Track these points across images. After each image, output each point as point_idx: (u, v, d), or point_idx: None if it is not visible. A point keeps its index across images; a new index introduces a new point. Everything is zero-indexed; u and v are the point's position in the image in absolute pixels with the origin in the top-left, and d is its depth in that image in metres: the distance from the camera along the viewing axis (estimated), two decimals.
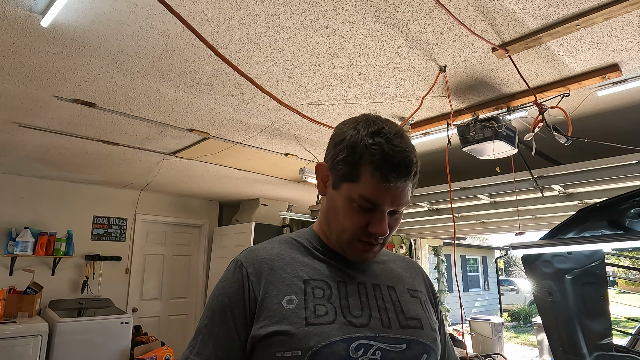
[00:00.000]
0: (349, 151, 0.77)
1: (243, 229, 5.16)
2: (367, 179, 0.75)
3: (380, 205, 0.76)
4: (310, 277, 0.79)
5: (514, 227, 4.16)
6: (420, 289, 0.90)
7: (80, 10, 1.58)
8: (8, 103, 2.46)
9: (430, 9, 1.57)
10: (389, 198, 0.75)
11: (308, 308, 0.74)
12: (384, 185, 0.74)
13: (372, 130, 0.77)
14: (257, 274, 0.78)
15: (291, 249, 0.85)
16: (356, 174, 0.76)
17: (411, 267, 0.95)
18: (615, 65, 1.97)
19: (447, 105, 2.43)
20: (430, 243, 6.91)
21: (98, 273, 4.73)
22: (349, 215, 0.78)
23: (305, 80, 2.16)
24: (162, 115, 2.66)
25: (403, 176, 0.74)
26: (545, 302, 2.03)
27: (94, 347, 3.82)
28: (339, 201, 0.80)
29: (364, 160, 0.75)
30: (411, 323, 0.79)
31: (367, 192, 0.75)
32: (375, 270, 0.86)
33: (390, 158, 0.74)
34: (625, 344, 2.25)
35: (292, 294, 0.75)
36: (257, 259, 0.81)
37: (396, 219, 0.80)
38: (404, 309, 0.81)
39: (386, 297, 0.81)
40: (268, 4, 1.55)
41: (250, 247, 0.87)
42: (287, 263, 0.81)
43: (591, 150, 2.86)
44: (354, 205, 0.77)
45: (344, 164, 0.78)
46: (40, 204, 4.49)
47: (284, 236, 0.90)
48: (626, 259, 3.98)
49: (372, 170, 0.74)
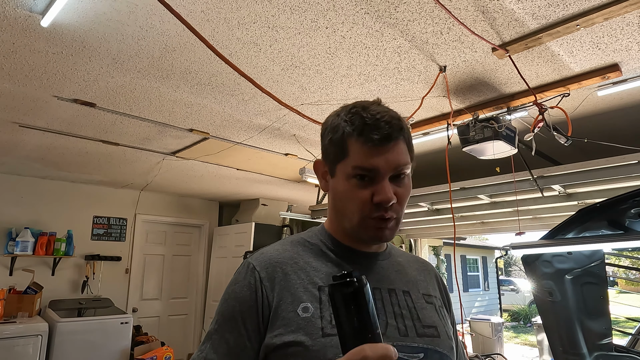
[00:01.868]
0: (332, 133, 0.78)
1: (243, 229, 5.16)
2: (354, 148, 0.74)
3: (376, 170, 0.73)
4: (325, 283, 0.75)
5: (514, 227, 4.15)
6: (434, 293, 0.87)
7: (80, 10, 1.58)
8: (8, 103, 2.46)
9: (430, 9, 1.57)
10: (381, 160, 0.73)
11: (324, 317, 0.70)
12: (370, 146, 0.73)
13: (349, 108, 0.78)
14: (271, 279, 0.75)
15: (304, 252, 0.82)
16: (344, 150, 0.76)
17: (425, 268, 0.92)
18: (615, 65, 1.97)
19: (447, 105, 2.43)
20: (430, 243, 6.92)
21: (98, 273, 4.73)
22: (352, 194, 0.76)
23: (305, 80, 2.16)
24: (162, 115, 2.66)
25: (386, 132, 0.73)
26: (545, 302, 2.03)
27: (94, 347, 3.83)
28: (339, 185, 0.78)
29: (346, 133, 0.75)
30: (428, 331, 0.76)
31: (358, 160, 0.74)
32: (390, 273, 0.83)
33: (369, 120, 0.74)
34: (625, 344, 2.25)
35: (308, 302, 0.72)
36: (270, 262, 0.78)
37: (403, 185, 0.77)
38: (420, 316, 0.78)
39: (402, 303, 0.78)
40: (268, 4, 1.55)
41: (262, 249, 0.84)
42: (301, 268, 0.78)
43: (591, 150, 2.86)
44: (353, 181, 0.75)
45: (332, 146, 0.78)
46: (40, 204, 4.49)
47: (295, 237, 0.87)
48: (626, 259, 3.98)
49: (356, 137, 0.74)
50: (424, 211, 3.87)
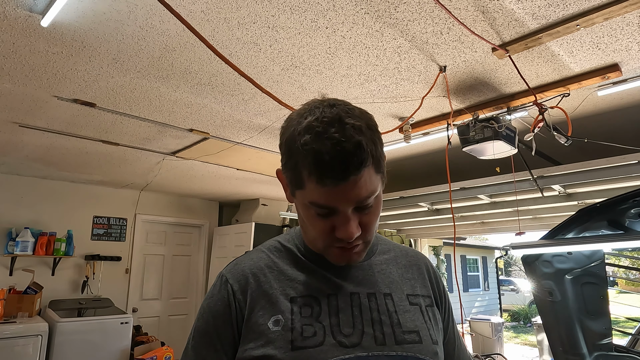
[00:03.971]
0: (287, 155, 0.69)
1: (243, 229, 5.16)
2: (309, 185, 0.66)
3: (335, 208, 0.67)
4: (299, 293, 0.74)
5: (514, 227, 4.16)
6: (422, 291, 0.83)
7: (80, 10, 1.58)
8: (8, 103, 2.46)
9: (430, 9, 1.57)
10: (340, 199, 0.66)
11: (295, 329, 0.69)
12: (326, 188, 0.65)
13: (306, 123, 0.66)
14: (243, 291, 0.74)
15: (280, 259, 0.80)
16: (300, 181, 0.68)
17: (414, 263, 0.87)
18: (615, 65, 1.97)
19: (447, 105, 2.43)
20: (430, 243, 6.92)
21: (98, 273, 4.73)
22: (313, 223, 0.71)
23: (305, 80, 2.16)
24: (162, 115, 2.66)
25: (343, 171, 0.63)
26: (545, 302, 2.03)
27: (94, 347, 3.83)
28: (299, 209, 0.73)
29: (299, 164, 0.66)
30: (408, 337, 0.73)
31: (314, 197, 0.67)
32: (370, 275, 0.79)
33: (322, 157, 0.63)
34: (625, 344, 2.25)
35: (279, 313, 0.71)
36: (242, 274, 0.77)
37: (369, 213, 0.70)
38: (401, 321, 0.75)
39: (382, 308, 0.75)
40: (268, 4, 1.55)
41: (237, 259, 0.82)
42: (275, 277, 0.76)
43: (591, 150, 2.86)
44: (312, 211, 0.69)
45: (287, 170, 0.71)
46: (40, 204, 4.49)
47: (273, 241, 0.85)
48: (626, 259, 3.98)
49: (308, 175, 0.65)
50: (424, 211, 3.88)
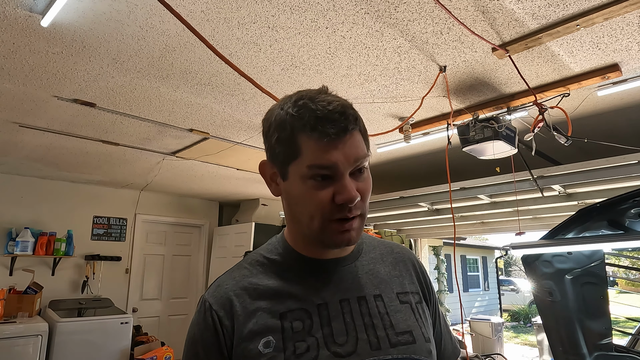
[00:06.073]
0: (279, 130, 0.70)
1: (243, 229, 5.16)
2: (308, 146, 0.67)
3: (335, 166, 0.67)
4: (288, 308, 0.72)
5: (514, 227, 4.16)
6: (410, 288, 0.83)
7: (80, 10, 1.58)
8: (8, 103, 2.46)
9: (430, 9, 1.57)
10: (340, 155, 0.67)
11: (287, 349, 0.68)
12: (326, 141, 0.66)
13: (294, 99, 0.70)
14: (229, 317, 0.72)
15: (264, 273, 0.77)
16: (296, 148, 0.68)
17: (400, 259, 0.87)
18: (615, 65, 1.97)
19: (447, 105, 2.43)
20: (430, 243, 6.92)
21: (98, 273, 4.73)
22: (310, 196, 0.69)
23: (305, 80, 2.16)
24: (162, 115, 2.66)
25: (342, 124, 0.67)
26: (545, 302, 2.03)
27: (94, 347, 3.82)
28: (294, 189, 0.71)
29: (296, 129, 0.68)
30: (402, 339, 0.73)
31: (314, 159, 0.67)
32: (359, 278, 0.79)
33: (320, 112, 0.67)
34: (625, 344, 2.25)
35: (269, 334, 0.69)
36: (226, 297, 0.74)
37: (364, 180, 0.71)
38: (394, 322, 0.75)
39: (373, 311, 0.74)
40: (268, 4, 1.55)
41: (218, 280, 0.78)
42: (260, 295, 0.74)
43: (591, 150, 2.86)
44: (309, 182, 0.69)
45: (280, 145, 0.70)
46: (40, 204, 4.49)
47: (254, 255, 0.82)
48: (626, 259, 3.98)
49: (309, 132, 0.67)
50: (424, 211, 3.88)
